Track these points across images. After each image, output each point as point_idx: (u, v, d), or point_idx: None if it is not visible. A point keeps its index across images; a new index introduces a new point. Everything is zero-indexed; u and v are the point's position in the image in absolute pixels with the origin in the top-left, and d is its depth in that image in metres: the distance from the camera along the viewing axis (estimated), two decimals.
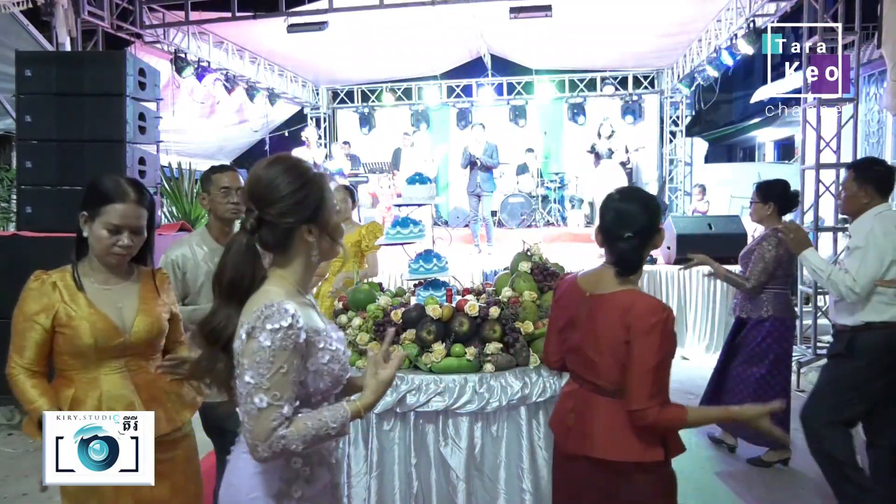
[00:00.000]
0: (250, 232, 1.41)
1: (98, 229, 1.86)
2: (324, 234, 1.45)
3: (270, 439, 1.31)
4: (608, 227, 1.90)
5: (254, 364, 1.31)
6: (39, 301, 1.85)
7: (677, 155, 11.81)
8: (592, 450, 1.87)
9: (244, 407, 1.32)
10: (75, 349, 1.85)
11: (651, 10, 7.92)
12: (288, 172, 1.42)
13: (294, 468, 1.44)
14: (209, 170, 2.76)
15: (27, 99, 4.72)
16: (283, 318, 1.32)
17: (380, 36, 8.74)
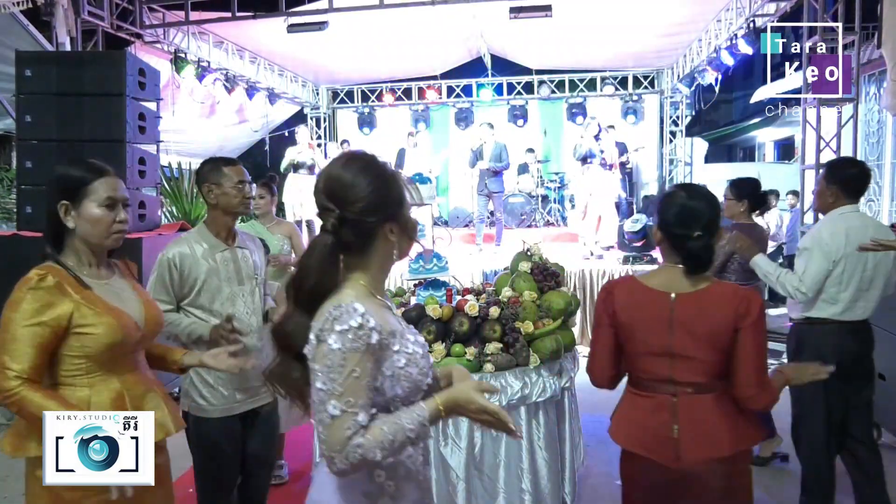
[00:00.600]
0: (332, 232, 1.34)
1: (91, 209, 1.73)
2: (403, 232, 1.40)
3: (346, 449, 1.23)
4: (676, 226, 1.85)
5: (325, 369, 1.25)
6: (48, 301, 1.65)
7: (677, 155, 11.82)
8: (722, 449, 1.83)
9: (318, 416, 1.26)
10: (98, 349, 1.70)
11: (651, 10, 7.91)
12: (367, 170, 1.36)
13: (377, 482, 1.36)
14: (215, 161, 2.61)
15: (27, 99, 4.72)
16: (351, 319, 1.26)
17: (380, 36, 8.74)
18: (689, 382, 1.83)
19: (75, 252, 1.77)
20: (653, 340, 1.85)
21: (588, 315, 6.65)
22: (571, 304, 3.14)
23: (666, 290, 1.86)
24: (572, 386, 3.18)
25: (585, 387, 4.11)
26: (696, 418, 1.83)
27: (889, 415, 3.93)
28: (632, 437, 1.95)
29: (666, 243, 1.90)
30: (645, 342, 1.87)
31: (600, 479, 3.69)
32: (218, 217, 2.55)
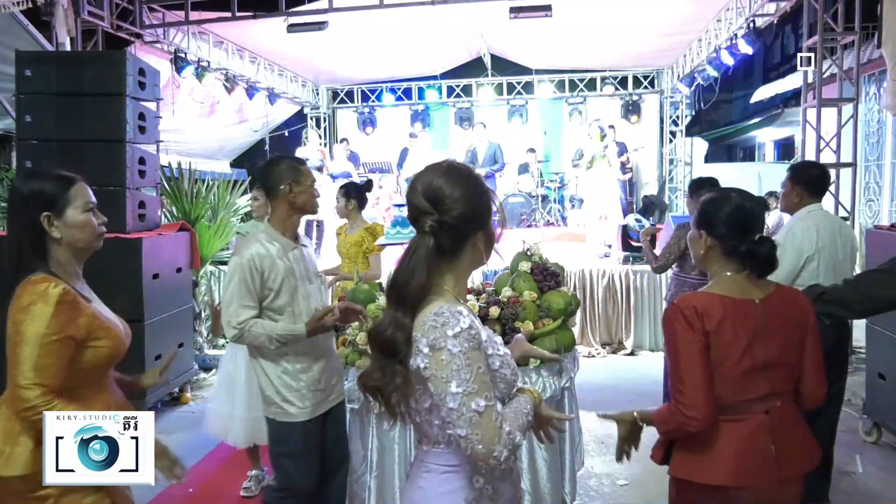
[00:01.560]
0: (432, 234, 1.37)
1: (76, 216, 1.73)
2: (489, 242, 1.45)
3: (503, 438, 1.28)
4: (735, 232, 1.75)
5: (454, 373, 1.28)
6: (71, 315, 1.64)
7: (677, 155, 11.81)
8: (814, 459, 1.80)
9: (462, 419, 1.28)
10: (107, 361, 1.74)
11: (651, 10, 7.91)
12: (467, 179, 1.42)
13: (476, 488, 1.40)
14: (291, 160, 2.57)
15: (27, 99, 4.71)
16: (459, 322, 1.31)
17: (380, 36, 8.74)
18: (783, 392, 1.77)
19: (58, 266, 1.74)
20: (752, 354, 1.70)
21: (588, 315, 6.65)
22: (571, 304, 3.13)
23: (747, 297, 1.75)
24: (572, 386, 3.18)
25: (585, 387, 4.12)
26: (788, 432, 1.75)
27: (889, 415, 3.94)
28: (727, 469, 1.71)
29: (717, 250, 1.79)
30: (746, 357, 1.70)
31: (600, 480, 3.69)
32: (290, 216, 2.52)
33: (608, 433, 4.36)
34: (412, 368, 1.34)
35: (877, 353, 4.08)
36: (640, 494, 3.51)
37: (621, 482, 3.65)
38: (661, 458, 1.87)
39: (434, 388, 1.31)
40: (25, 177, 1.79)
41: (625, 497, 3.53)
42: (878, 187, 8.83)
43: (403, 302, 1.36)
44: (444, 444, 1.40)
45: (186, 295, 5.32)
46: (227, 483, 3.67)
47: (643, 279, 6.55)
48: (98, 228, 1.79)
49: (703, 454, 1.73)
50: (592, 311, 6.69)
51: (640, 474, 3.72)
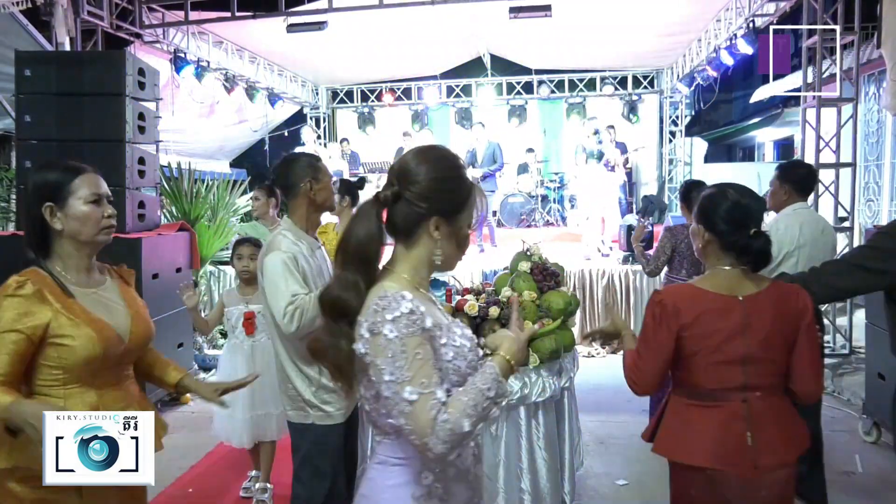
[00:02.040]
0: (382, 203, 1.35)
1: (78, 207, 1.69)
2: (452, 237, 1.38)
3: (435, 429, 1.21)
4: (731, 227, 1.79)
5: (388, 360, 1.24)
6: (26, 310, 1.61)
7: (677, 155, 11.82)
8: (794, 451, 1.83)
9: (396, 409, 1.25)
10: (76, 362, 1.65)
11: (651, 10, 7.91)
12: (441, 161, 1.39)
13: (425, 484, 1.34)
14: (310, 157, 2.51)
15: (27, 99, 4.71)
16: (401, 306, 1.26)
17: (379, 36, 8.74)
18: (761, 386, 1.80)
19: (61, 257, 1.72)
20: (728, 348, 1.77)
21: (588, 315, 6.65)
22: (571, 304, 3.14)
23: (731, 293, 1.80)
24: (572, 386, 3.18)
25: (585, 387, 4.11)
26: (767, 422, 1.79)
27: (889, 415, 3.94)
28: (704, 451, 1.79)
29: (715, 245, 1.84)
30: (720, 350, 1.77)
31: (600, 480, 3.69)
32: (311, 213, 2.46)
33: (608, 433, 4.35)
34: (357, 353, 1.29)
35: (877, 353, 4.08)
36: (640, 494, 3.51)
37: (621, 482, 3.65)
38: (648, 437, 1.96)
39: (374, 375, 1.27)
40: (34, 170, 1.76)
41: (625, 497, 3.52)
42: (877, 187, 8.83)
43: (356, 263, 1.33)
44: (393, 434, 1.34)
45: None
46: (227, 483, 3.67)
47: (643, 279, 6.55)
48: (102, 221, 1.73)
49: (683, 435, 1.84)
50: (592, 311, 6.69)
51: (640, 474, 3.71)
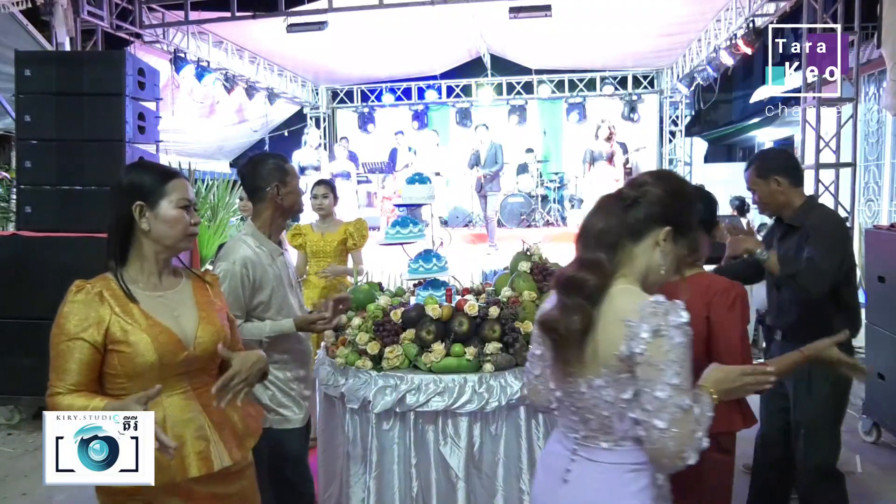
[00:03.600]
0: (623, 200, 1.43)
1: (169, 211, 1.68)
2: (674, 252, 1.44)
3: (694, 440, 1.27)
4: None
5: (672, 364, 1.27)
6: (86, 315, 1.59)
7: (677, 155, 11.82)
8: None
9: (663, 413, 1.27)
10: (134, 369, 1.62)
11: (651, 10, 7.92)
12: (682, 182, 1.51)
13: (658, 485, 1.39)
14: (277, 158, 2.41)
15: (27, 99, 4.71)
16: (681, 315, 1.30)
17: (379, 36, 8.74)
18: None
19: (140, 259, 1.71)
20: None
21: None
22: None
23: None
24: None
25: None
26: None
27: (888, 415, 3.94)
28: None
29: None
30: None
31: None
32: (276, 218, 2.38)
33: None
34: (619, 354, 1.32)
35: (876, 353, 4.08)
36: None
37: None
38: None
39: (642, 373, 1.30)
40: (128, 168, 1.77)
41: None
42: (877, 187, 8.83)
43: (596, 247, 1.39)
44: (630, 440, 1.37)
45: None
46: None
47: None
48: (189, 228, 1.72)
49: None
50: None
51: None
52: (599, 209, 1.44)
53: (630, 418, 1.35)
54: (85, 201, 4.67)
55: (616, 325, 1.33)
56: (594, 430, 1.41)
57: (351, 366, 2.84)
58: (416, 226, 3.27)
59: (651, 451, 1.31)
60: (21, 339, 4.58)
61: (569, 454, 1.46)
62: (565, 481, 1.45)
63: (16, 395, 4.67)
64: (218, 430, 1.71)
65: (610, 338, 1.34)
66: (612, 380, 1.35)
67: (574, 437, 1.46)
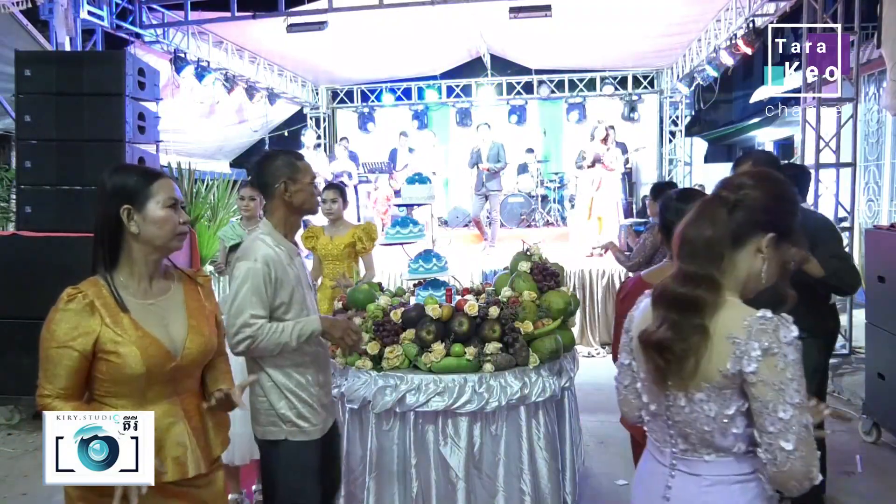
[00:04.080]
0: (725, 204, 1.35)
1: (157, 212, 1.66)
2: (776, 260, 1.36)
3: (817, 460, 1.25)
4: (670, 226, 1.98)
5: (788, 382, 1.24)
6: (76, 324, 1.59)
7: (677, 155, 11.82)
8: None
9: (789, 434, 1.23)
10: (122, 377, 1.63)
11: (651, 10, 7.92)
12: (784, 184, 1.40)
13: (768, 496, 1.35)
14: (288, 154, 2.33)
15: (27, 99, 4.71)
16: (791, 329, 1.26)
17: (379, 36, 8.74)
18: None
19: (130, 263, 1.69)
20: None
21: (588, 315, 6.67)
22: (571, 304, 3.14)
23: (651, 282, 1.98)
24: (572, 386, 3.18)
25: (585, 387, 4.12)
26: None
27: (889, 415, 3.94)
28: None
29: (665, 242, 2.11)
30: None
31: (600, 479, 3.69)
32: (289, 217, 2.30)
33: (608, 433, 4.35)
34: (724, 371, 1.28)
35: (876, 353, 4.08)
36: None
37: (621, 482, 3.65)
38: None
39: (759, 394, 1.26)
40: (110, 172, 1.72)
41: (625, 497, 3.51)
42: (877, 187, 8.83)
43: (703, 259, 1.33)
44: (732, 454, 1.34)
45: None
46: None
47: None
48: (178, 227, 1.71)
49: None
50: (592, 311, 6.70)
51: None
52: (703, 216, 1.36)
53: (733, 434, 1.32)
54: (85, 201, 4.67)
55: (721, 342, 1.30)
56: (694, 444, 1.37)
57: (351, 366, 2.84)
58: (416, 226, 3.28)
59: (777, 474, 1.26)
60: (21, 339, 4.57)
61: (667, 470, 1.42)
62: (666, 499, 1.41)
63: (16, 395, 4.67)
64: (196, 437, 1.73)
65: (715, 354, 1.30)
66: (715, 395, 1.32)
67: (672, 452, 1.41)
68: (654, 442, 1.47)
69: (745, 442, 1.33)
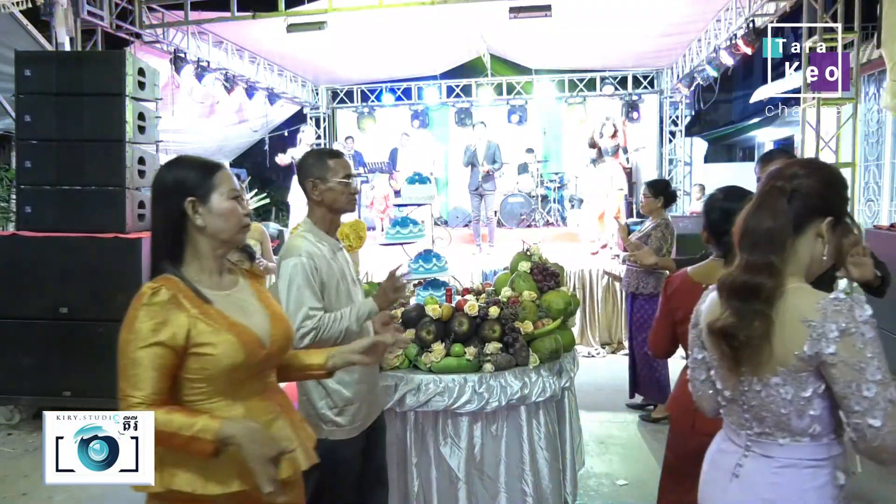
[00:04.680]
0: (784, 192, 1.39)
1: (222, 203, 1.59)
2: (833, 243, 1.41)
3: None
4: (716, 224, 2.12)
5: (870, 360, 1.27)
6: (163, 319, 1.48)
7: (677, 155, 11.82)
8: None
9: (875, 411, 1.26)
10: (217, 372, 1.52)
11: (651, 10, 7.91)
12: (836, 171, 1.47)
13: (838, 485, 1.38)
14: (319, 153, 2.35)
15: (27, 99, 4.72)
16: (865, 307, 1.29)
17: (379, 36, 8.74)
18: None
19: (197, 258, 1.61)
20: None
21: (588, 315, 6.68)
22: (571, 304, 3.14)
23: (702, 281, 2.10)
24: (572, 386, 3.18)
25: (585, 387, 4.12)
26: None
27: None
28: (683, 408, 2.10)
29: (711, 241, 2.18)
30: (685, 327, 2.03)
31: (600, 480, 3.69)
32: (325, 215, 2.32)
33: (608, 433, 4.36)
34: (800, 354, 1.31)
35: None
36: (640, 494, 3.51)
37: (621, 482, 3.65)
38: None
39: (841, 375, 1.28)
40: (168, 166, 1.65)
41: (625, 497, 3.53)
42: (877, 187, 8.84)
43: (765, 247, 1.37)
44: (808, 436, 1.37)
45: None
46: None
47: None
48: (243, 219, 1.64)
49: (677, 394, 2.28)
50: (592, 311, 6.70)
51: (640, 474, 3.72)
52: (764, 206, 1.40)
53: (809, 416, 1.35)
54: (85, 201, 4.68)
55: (795, 326, 1.33)
56: (770, 427, 1.40)
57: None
58: (416, 226, 3.28)
59: (868, 449, 1.29)
60: (21, 339, 4.58)
61: (740, 450, 1.46)
62: (735, 476, 1.45)
63: (16, 395, 4.68)
64: (295, 431, 1.66)
65: (789, 338, 1.33)
66: (791, 378, 1.35)
67: (747, 434, 1.45)
68: (731, 425, 1.51)
69: (821, 424, 1.36)
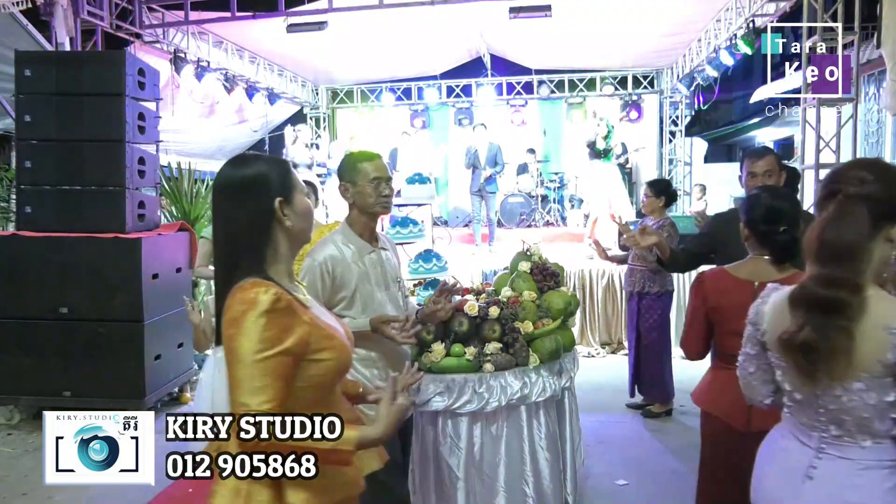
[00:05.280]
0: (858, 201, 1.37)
1: (303, 201, 1.49)
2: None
3: None
4: (762, 223, 2.11)
5: None
6: (286, 326, 1.36)
7: (677, 155, 11.82)
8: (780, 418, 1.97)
9: None
10: (330, 378, 1.45)
11: (651, 10, 7.92)
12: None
13: None
14: (352, 157, 2.38)
15: (26, 99, 4.72)
16: None
17: (379, 36, 8.74)
18: None
19: (277, 261, 1.46)
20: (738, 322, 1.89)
21: (588, 315, 6.67)
22: (571, 304, 3.14)
23: (751, 278, 2.08)
24: (572, 386, 3.18)
25: (585, 387, 4.12)
26: None
27: None
28: (713, 402, 2.18)
29: (753, 239, 2.15)
30: (730, 322, 2.04)
31: (600, 479, 3.69)
32: (358, 217, 2.35)
33: (608, 433, 4.36)
34: (884, 361, 1.33)
35: None
36: (641, 494, 3.51)
37: (621, 482, 3.65)
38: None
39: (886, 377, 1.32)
40: (245, 162, 1.49)
41: (625, 497, 3.52)
42: None
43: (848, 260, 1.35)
44: (889, 438, 1.38)
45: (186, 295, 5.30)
46: None
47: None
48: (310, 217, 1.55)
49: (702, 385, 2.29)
50: (592, 311, 6.70)
51: (640, 474, 3.72)
52: (843, 217, 1.38)
53: (891, 419, 1.37)
54: (85, 201, 4.67)
55: (879, 333, 1.34)
56: (850, 430, 1.41)
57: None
58: (416, 226, 3.28)
59: None
60: (21, 339, 4.58)
61: (812, 451, 1.46)
62: (810, 478, 1.44)
63: (16, 395, 4.68)
64: None
65: (872, 346, 1.35)
66: (875, 383, 1.36)
67: (820, 436, 1.45)
68: (800, 425, 1.51)
69: None
